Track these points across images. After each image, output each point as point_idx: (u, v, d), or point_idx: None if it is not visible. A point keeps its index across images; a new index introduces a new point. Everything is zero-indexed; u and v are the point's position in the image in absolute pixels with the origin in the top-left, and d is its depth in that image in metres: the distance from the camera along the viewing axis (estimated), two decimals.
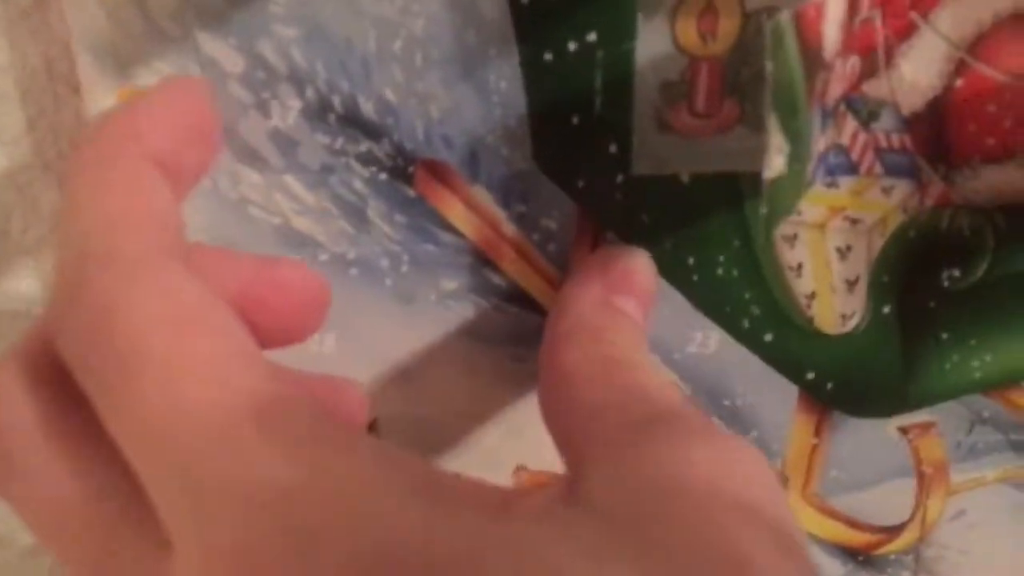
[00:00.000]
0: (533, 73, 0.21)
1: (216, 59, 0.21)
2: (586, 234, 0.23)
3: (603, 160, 0.22)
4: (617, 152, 0.22)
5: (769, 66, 0.18)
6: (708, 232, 0.23)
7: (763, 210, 0.22)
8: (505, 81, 0.21)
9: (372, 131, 0.22)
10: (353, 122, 0.21)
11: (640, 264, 0.23)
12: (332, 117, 0.21)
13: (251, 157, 0.22)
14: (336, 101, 0.21)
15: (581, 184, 0.23)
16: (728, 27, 0.22)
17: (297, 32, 0.20)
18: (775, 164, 0.18)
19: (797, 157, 0.20)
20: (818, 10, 0.19)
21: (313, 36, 0.21)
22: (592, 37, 0.21)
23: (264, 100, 0.21)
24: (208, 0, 0.20)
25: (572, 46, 0.21)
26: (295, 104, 0.21)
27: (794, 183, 0.20)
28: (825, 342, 0.24)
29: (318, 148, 0.22)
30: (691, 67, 0.22)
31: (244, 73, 0.21)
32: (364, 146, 0.22)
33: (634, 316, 0.22)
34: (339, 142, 0.22)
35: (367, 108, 0.21)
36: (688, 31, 0.22)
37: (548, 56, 0.21)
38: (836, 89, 0.21)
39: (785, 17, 0.18)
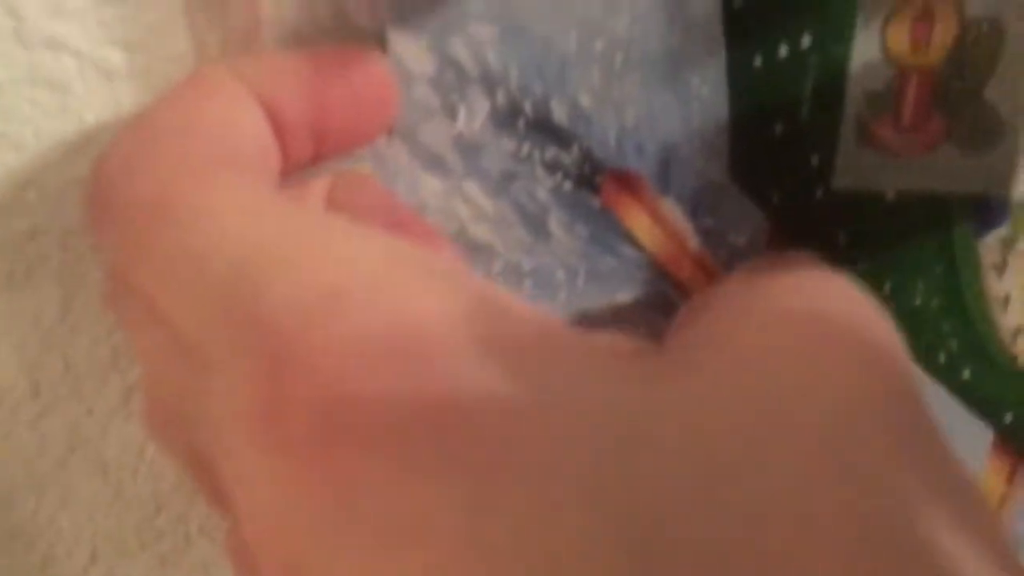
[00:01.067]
0: (740, 79, 0.20)
1: (404, 59, 0.20)
2: (776, 252, 0.22)
3: (803, 173, 0.21)
4: (819, 165, 0.21)
5: None
6: (909, 256, 0.22)
7: (1004, 231, 0.20)
8: (708, 87, 0.20)
9: (562, 137, 0.20)
10: (543, 127, 0.20)
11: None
12: (521, 122, 0.20)
13: (432, 163, 0.21)
14: (527, 105, 0.20)
15: (776, 198, 0.21)
16: (943, 36, 0.21)
17: (494, 31, 0.19)
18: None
19: None
20: None
21: (510, 35, 0.20)
22: (807, 42, 0.20)
23: (451, 103, 0.20)
24: None
25: (784, 50, 0.20)
26: (484, 107, 0.20)
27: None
28: None
29: (503, 154, 0.21)
30: (899, 77, 0.21)
31: (434, 75, 0.20)
32: (551, 153, 0.21)
33: None
34: (525, 148, 0.21)
35: (559, 113, 0.20)
36: (900, 38, 0.21)
37: (758, 61, 0.20)
38: None
39: None
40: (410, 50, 0.20)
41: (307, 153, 0.19)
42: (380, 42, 0.20)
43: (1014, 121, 0.21)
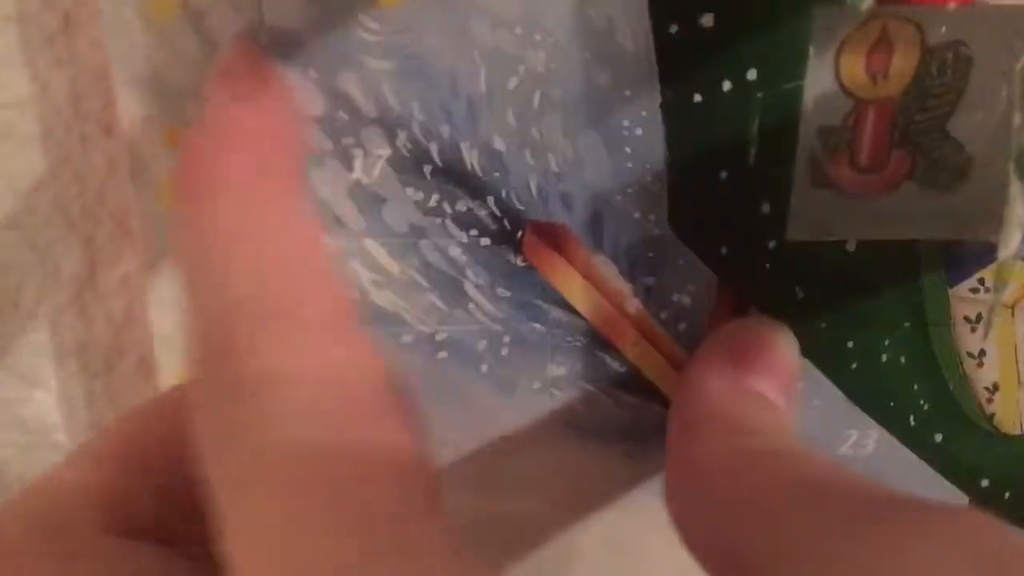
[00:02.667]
0: (677, 118, 0.17)
1: (288, 90, 0.17)
2: (725, 311, 0.19)
3: (753, 223, 0.18)
4: (770, 213, 0.18)
5: (1018, 118, 0.14)
6: (874, 310, 0.19)
7: (994, 295, 0.18)
8: (641, 128, 0.17)
9: (475, 187, 0.18)
10: (453, 175, 0.17)
11: (779, 338, 0.19)
12: (428, 169, 0.17)
13: (325, 220, 0.18)
14: (434, 149, 0.17)
15: (724, 252, 0.19)
16: (903, 65, 0.18)
17: (392, 65, 0.17)
18: (1013, 241, 0.15)
19: None
20: None
21: (411, 70, 0.17)
22: (752, 75, 0.17)
23: (345, 148, 0.17)
24: (285, 20, 0.16)
25: (727, 85, 0.17)
26: (383, 152, 0.17)
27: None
28: (1006, 445, 0.20)
29: (408, 206, 0.18)
30: (856, 111, 0.19)
31: (324, 115, 0.17)
32: (464, 205, 0.18)
33: (774, 400, 0.18)
34: (434, 199, 0.18)
35: (471, 158, 0.17)
36: (856, 68, 0.18)
37: (697, 97, 0.17)
38: None
39: None
40: (296, 85, 0.17)
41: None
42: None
43: (983, 156, 0.19)
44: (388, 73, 0.17)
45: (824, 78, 0.18)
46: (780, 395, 0.19)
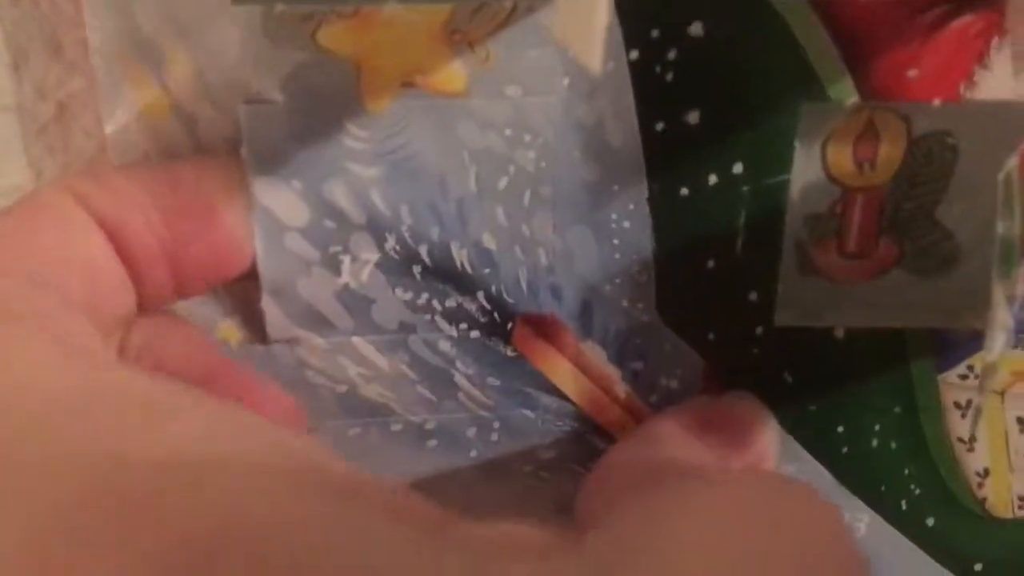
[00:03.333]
0: (664, 211, 0.17)
1: (272, 209, 0.17)
2: (713, 395, 0.19)
3: (741, 310, 0.18)
4: (758, 300, 0.18)
5: (1001, 227, 0.14)
6: (863, 396, 0.19)
7: (967, 399, 0.18)
8: (630, 221, 0.18)
9: (465, 284, 0.18)
10: (442, 274, 0.18)
11: (754, 417, 0.19)
12: (417, 269, 0.17)
13: (312, 321, 0.18)
14: (423, 251, 0.17)
15: (712, 337, 0.19)
16: (890, 154, 0.18)
17: (380, 171, 0.17)
18: (997, 345, 0.15)
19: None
20: None
21: (399, 175, 0.17)
22: (739, 169, 0.17)
23: (333, 255, 0.17)
24: (269, 134, 0.16)
25: (713, 179, 0.17)
26: (371, 257, 0.17)
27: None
28: (998, 528, 0.20)
29: (397, 305, 0.18)
30: (843, 199, 0.19)
31: (308, 225, 0.17)
32: (454, 301, 0.18)
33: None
34: (423, 297, 0.18)
35: (461, 257, 0.17)
36: (843, 158, 0.18)
37: (684, 191, 0.17)
38: None
39: (1013, 164, 0.14)
40: (279, 197, 0.17)
41: (166, 286, 0.16)
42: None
43: (971, 244, 0.19)
44: (376, 179, 0.17)
45: (811, 167, 0.18)
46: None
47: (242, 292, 0.18)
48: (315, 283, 0.17)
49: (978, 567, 0.21)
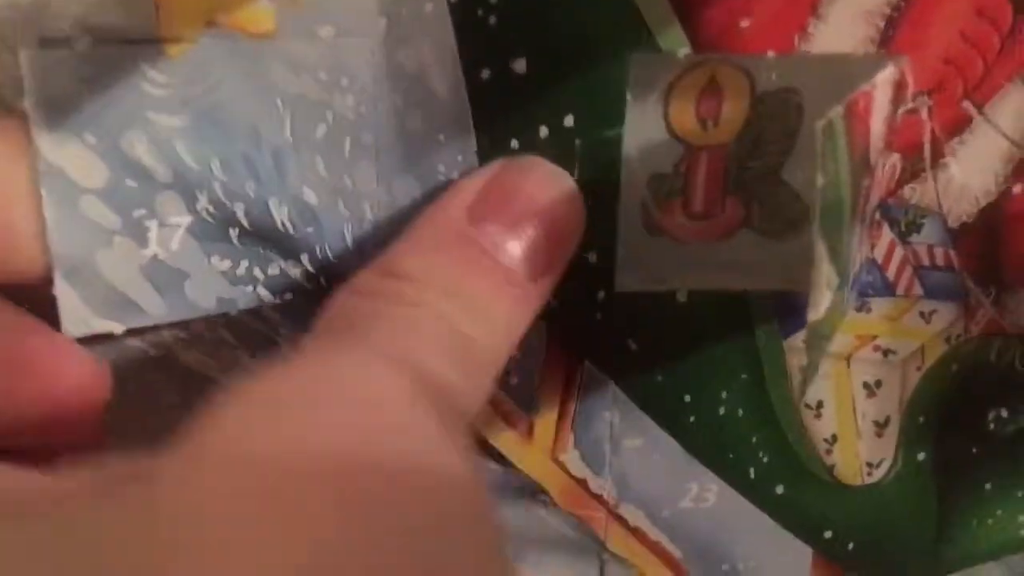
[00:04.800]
0: None
1: (64, 168, 0.15)
2: (558, 367, 0.19)
3: (580, 274, 0.18)
4: (597, 263, 0.18)
5: (820, 179, 0.14)
6: (709, 363, 0.19)
7: (802, 361, 0.18)
8: (458, 173, 0.17)
9: (287, 246, 0.16)
10: (263, 237, 0.16)
11: (539, 178, 0.16)
12: (234, 233, 0.16)
13: (116, 306, 0.16)
14: (240, 211, 0.16)
15: (553, 304, 0.18)
16: (734, 111, 0.18)
17: (184, 121, 0.15)
18: (822, 302, 0.14)
19: (839, 284, 0.15)
20: (867, 100, 0.15)
21: (206, 124, 0.15)
22: (570, 122, 0.17)
23: (137, 221, 0.15)
24: (57, 82, 0.14)
25: (544, 132, 0.17)
26: (182, 221, 0.16)
27: (831, 315, 0.16)
28: (847, 495, 0.20)
29: (214, 278, 0.16)
30: (687, 157, 0.18)
31: (107, 186, 0.15)
32: (276, 267, 0.17)
33: (506, 261, 0.15)
34: (243, 267, 0.16)
35: (281, 215, 0.16)
36: (685, 115, 0.18)
37: (514, 143, 0.17)
38: (874, 195, 0.17)
39: (837, 113, 0.14)
40: (71, 155, 0.15)
41: None
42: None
43: (813, 206, 0.19)
44: (181, 130, 0.15)
45: (652, 125, 0.18)
46: (524, 259, 0.15)
47: None
48: (117, 256, 0.15)
49: (828, 534, 0.20)
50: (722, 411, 0.19)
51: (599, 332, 0.18)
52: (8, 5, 0.15)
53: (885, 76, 0.16)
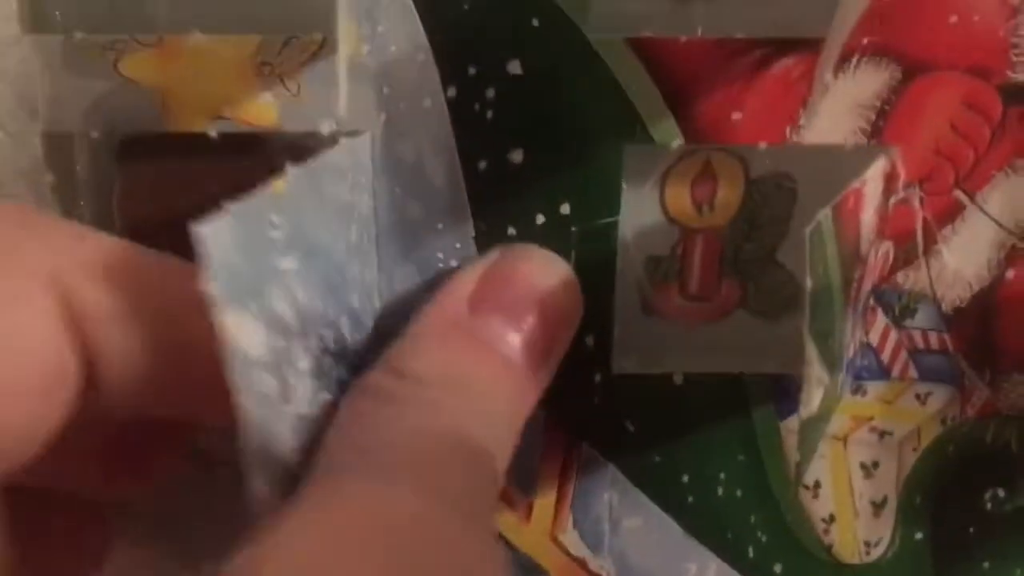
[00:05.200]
0: None
1: (237, 340, 0.12)
2: (556, 448, 0.19)
3: (577, 356, 0.18)
4: (594, 346, 0.18)
5: (809, 282, 0.14)
6: (706, 444, 0.19)
7: (799, 443, 0.18)
8: (456, 260, 0.17)
9: (353, 362, 0.15)
10: (340, 358, 0.15)
11: (536, 267, 0.16)
12: (328, 363, 0.15)
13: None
14: (331, 340, 0.15)
15: (549, 387, 0.18)
16: (729, 195, 0.18)
17: (295, 260, 0.14)
18: (813, 400, 0.14)
19: (832, 373, 0.15)
20: (857, 197, 0.15)
21: (309, 258, 0.14)
22: (566, 209, 0.17)
23: (283, 378, 0.13)
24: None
25: (541, 219, 0.17)
26: (304, 366, 0.14)
27: (826, 401, 0.16)
28: (845, 574, 0.20)
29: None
30: (683, 240, 0.18)
31: (266, 351, 0.13)
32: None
33: (506, 351, 0.15)
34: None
35: (348, 330, 0.15)
36: (680, 199, 0.18)
37: (511, 231, 0.17)
38: (867, 282, 0.17)
39: (825, 216, 0.14)
40: (241, 326, 0.13)
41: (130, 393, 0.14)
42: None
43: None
44: (294, 270, 0.14)
45: (648, 209, 0.18)
46: (520, 349, 0.16)
47: None
48: (287, 428, 0.13)
49: None
50: (720, 491, 0.19)
51: (597, 414, 0.18)
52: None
53: (876, 168, 0.16)
